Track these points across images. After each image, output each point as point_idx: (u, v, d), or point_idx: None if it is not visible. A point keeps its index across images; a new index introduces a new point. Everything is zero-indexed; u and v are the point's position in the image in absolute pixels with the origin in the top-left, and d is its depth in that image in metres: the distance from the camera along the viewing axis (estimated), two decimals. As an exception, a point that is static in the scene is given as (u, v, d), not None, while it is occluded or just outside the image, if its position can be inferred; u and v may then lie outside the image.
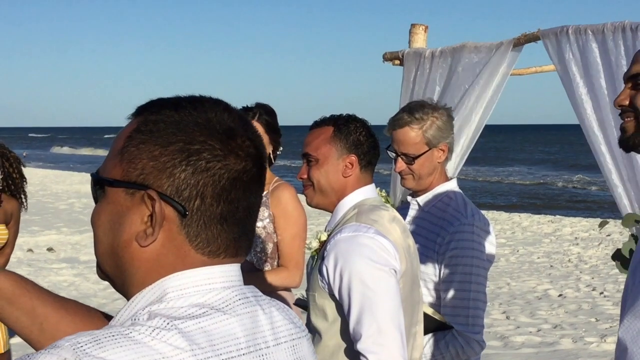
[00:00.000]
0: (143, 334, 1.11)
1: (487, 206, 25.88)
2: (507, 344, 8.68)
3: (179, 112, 1.23)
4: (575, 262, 14.08)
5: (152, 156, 1.20)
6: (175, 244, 1.20)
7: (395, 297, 2.71)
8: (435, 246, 3.42)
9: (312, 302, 2.84)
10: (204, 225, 1.20)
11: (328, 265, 2.74)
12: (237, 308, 1.21)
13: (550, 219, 20.62)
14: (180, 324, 1.13)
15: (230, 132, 1.22)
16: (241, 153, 1.22)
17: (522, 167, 52.68)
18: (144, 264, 1.21)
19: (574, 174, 43.88)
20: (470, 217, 3.43)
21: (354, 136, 2.88)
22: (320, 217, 18.08)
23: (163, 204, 1.19)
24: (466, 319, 3.34)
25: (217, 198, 1.20)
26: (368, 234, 2.74)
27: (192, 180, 1.19)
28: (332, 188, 2.90)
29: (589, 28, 3.84)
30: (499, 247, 15.33)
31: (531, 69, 4.76)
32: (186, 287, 1.19)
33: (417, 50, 4.85)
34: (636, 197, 3.76)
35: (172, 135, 1.20)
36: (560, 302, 10.77)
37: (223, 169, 1.20)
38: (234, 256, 1.25)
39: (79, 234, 17.02)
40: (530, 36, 4.21)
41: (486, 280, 3.46)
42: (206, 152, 1.20)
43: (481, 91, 4.41)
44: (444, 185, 3.54)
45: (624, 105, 2.32)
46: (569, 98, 3.96)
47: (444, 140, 3.46)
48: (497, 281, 12.09)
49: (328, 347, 2.79)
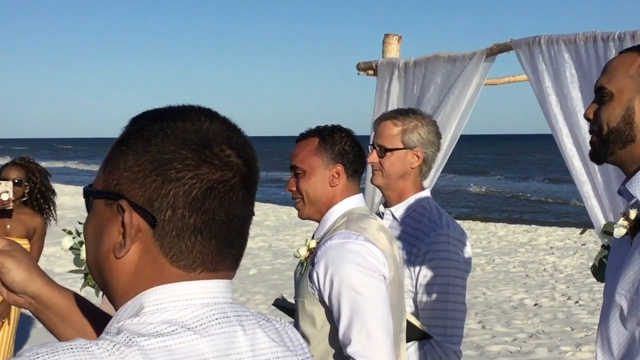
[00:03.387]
0: (102, 348, 1.09)
1: (462, 216, 25.95)
2: (482, 354, 8.69)
3: (159, 122, 1.21)
4: (551, 271, 14.14)
5: (126, 166, 1.20)
6: (151, 256, 1.19)
7: (384, 302, 2.77)
8: (411, 257, 3.40)
9: (301, 308, 2.89)
10: (177, 237, 1.18)
11: (318, 271, 2.80)
12: (210, 328, 1.17)
13: (525, 229, 20.71)
14: (143, 341, 1.11)
15: (206, 141, 1.19)
16: (217, 162, 1.18)
17: (498, 176, 52.94)
18: (123, 275, 1.20)
19: (549, 183, 44.19)
20: (446, 228, 3.42)
21: (339, 146, 2.94)
22: (296, 228, 18.07)
23: (135, 215, 1.18)
24: (444, 329, 3.34)
25: (189, 209, 1.17)
26: (358, 241, 2.79)
27: (162, 190, 1.17)
28: (321, 198, 2.95)
29: (561, 38, 3.86)
30: (475, 257, 15.36)
31: (504, 79, 4.78)
32: (163, 302, 1.17)
33: (390, 60, 4.86)
34: (611, 207, 3.77)
35: (147, 145, 1.19)
36: (536, 312, 10.80)
37: (195, 179, 1.17)
38: (212, 271, 1.21)
39: (53, 245, 16.88)
40: (502, 46, 4.22)
41: (464, 290, 3.45)
42: (176, 161, 1.17)
43: (456, 101, 4.42)
44: (418, 195, 3.52)
45: (589, 118, 2.33)
46: (542, 108, 3.97)
47: (422, 148, 3.46)
48: (473, 291, 12.10)
49: (317, 353, 2.84)
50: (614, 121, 2.24)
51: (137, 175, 1.18)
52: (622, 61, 2.27)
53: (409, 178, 3.50)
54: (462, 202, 34.03)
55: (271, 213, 24.24)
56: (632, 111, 2.22)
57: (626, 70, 2.24)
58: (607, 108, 2.25)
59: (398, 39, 4.98)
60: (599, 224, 3.80)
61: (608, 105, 2.25)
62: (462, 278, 3.42)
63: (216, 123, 1.23)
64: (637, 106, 2.21)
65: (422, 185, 3.58)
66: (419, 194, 3.53)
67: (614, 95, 2.24)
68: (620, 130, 2.23)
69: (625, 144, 2.24)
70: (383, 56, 4.97)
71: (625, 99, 2.22)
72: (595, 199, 3.84)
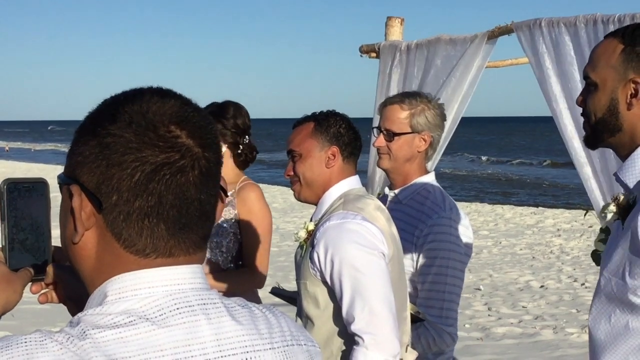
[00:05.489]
0: (56, 341, 1.09)
1: (469, 198, 25.93)
2: (488, 335, 8.71)
3: (112, 106, 1.20)
4: (557, 253, 14.14)
5: (79, 151, 1.20)
6: (106, 241, 1.18)
7: (385, 279, 2.82)
8: (413, 238, 3.43)
9: (304, 290, 2.94)
10: (125, 222, 1.16)
11: (319, 252, 2.85)
12: (170, 319, 1.15)
13: (532, 211, 20.69)
14: (97, 334, 1.10)
15: (151, 122, 1.17)
16: (161, 144, 1.15)
17: (501, 158, 52.80)
18: (86, 261, 1.20)
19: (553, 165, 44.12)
20: (449, 211, 3.45)
21: (334, 129, 2.99)
22: (304, 210, 18.09)
23: (85, 200, 1.17)
24: (440, 311, 3.36)
25: (134, 193, 1.15)
26: (356, 220, 2.85)
27: (107, 174, 1.16)
28: (317, 180, 3.00)
29: (562, 21, 3.86)
30: (481, 239, 15.39)
31: (507, 61, 4.78)
32: (125, 291, 1.16)
33: (393, 43, 4.86)
34: (609, 189, 3.78)
35: (95, 129, 1.18)
36: (542, 294, 10.81)
37: (137, 162, 1.15)
38: (168, 256, 1.18)
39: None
40: (503, 29, 4.22)
41: (463, 274, 3.47)
42: (119, 145, 1.15)
43: (457, 84, 4.42)
44: (422, 178, 3.55)
45: (581, 105, 2.34)
46: (542, 91, 3.97)
47: (429, 132, 3.48)
48: (479, 273, 12.13)
49: (322, 333, 2.89)
50: (599, 112, 2.24)
51: (87, 160, 1.18)
52: (604, 49, 2.26)
53: (415, 161, 3.53)
54: (468, 185, 33.98)
55: (279, 195, 24.28)
56: (617, 101, 2.21)
57: (608, 60, 2.23)
58: (593, 98, 2.26)
59: (401, 21, 4.98)
60: (598, 205, 3.81)
61: (594, 95, 2.26)
62: (461, 262, 3.44)
63: (169, 104, 1.20)
64: (620, 96, 2.21)
65: (427, 168, 3.61)
66: (424, 177, 3.56)
67: (599, 85, 2.24)
68: (606, 120, 2.23)
69: (613, 133, 2.24)
70: (386, 39, 4.97)
71: (608, 89, 2.22)
72: (594, 181, 3.85)
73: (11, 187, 1.26)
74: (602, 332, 2.24)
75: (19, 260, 1.29)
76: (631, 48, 2.20)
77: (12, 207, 1.26)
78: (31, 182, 1.30)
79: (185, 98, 1.23)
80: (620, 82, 2.21)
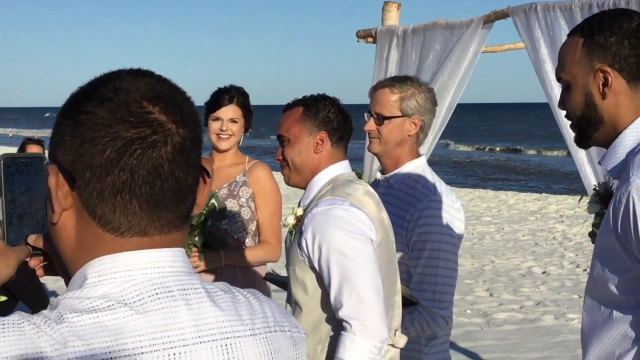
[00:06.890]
0: (33, 324, 1.09)
1: (472, 184, 25.92)
2: (489, 321, 8.72)
3: (88, 87, 1.20)
4: (560, 239, 14.13)
5: (57, 132, 1.19)
6: (84, 220, 1.17)
7: (373, 264, 2.82)
8: (404, 223, 3.42)
9: (293, 276, 2.94)
10: (98, 199, 1.15)
11: (307, 238, 2.85)
12: (149, 304, 1.14)
13: (536, 197, 20.67)
14: (74, 318, 1.10)
15: (123, 98, 1.16)
16: (133, 119, 1.14)
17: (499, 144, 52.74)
18: (66, 242, 1.19)
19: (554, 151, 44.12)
20: (439, 194, 3.43)
21: (322, 113, 2.98)
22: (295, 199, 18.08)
23: (61, 178, 1.17)
24: (432, 295, 3.35)
25: (105, 169, 1.14)
26: (343, 207, 2.84)
27: (80, 151, 1.15)
28: (306, 165, 3.00)
29: (557, 5, 3.85)
30: (484, 225, 15.37)
31: (504, 46, 4.76)
32: (104, 274, 1.15)
33: (389, 27, 4.85)
34: (603, 175, 3.77)
35: (72, 109, 1.19)
36: (544, 279, 10.81)
37: (107, 137, 1.14)
38: (143, 235, 1.17)
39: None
40: (499, 13, 4.21)
41: (456, 257, 3.46)
42: (91, 122, 1.15)
43: (453, 68, 4.41)
44: (413, 162, 3.53)
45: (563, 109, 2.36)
46: (537, 76, 3.96)
47: (419, 115, 3.46)
48: (482, 259, 12.13)
49: (310, 319, 2.89)
50: (579, 109, 2.26)
51: (64, 139, 1.17)
52: (567, 47, 2.29)
53: (405, 145, 3.50)
54: (470, 171, 33.97)
55: (280, 181, 24.25)
56: (591, 95, 2.22)
57: (572, 56, 2.25)
58: (570, 98, 2.28)
59: (397, 6, 4.97)
60: (592, 191, 3.80)
61: (569, 95, 2.28)
62: (453, 244, 3.43)
63: (142, 81, 1.19)
64: (593, 88, 2.22)
65: (418, 152, 3.59)
66: (415, 160, 3.53)
67: (571, 84, 2.27)
68: (586, 116, 2.25)
69: (596, 127, 2.25)
70: (382, 23, 4.96)
71: (580, 85, 2.24)
72: (589, 166, 3.84)
73: (8, 162, 1.26)
74: (590, 320, 2.24)
75: (18, 235, 1.29)
76: (591, 39, 2.22)
77: (9, 182, 1.26)
78: (29, 157, 1.29)
79: (161, 77, 1.22)
80: (589, 75, 2.22)
